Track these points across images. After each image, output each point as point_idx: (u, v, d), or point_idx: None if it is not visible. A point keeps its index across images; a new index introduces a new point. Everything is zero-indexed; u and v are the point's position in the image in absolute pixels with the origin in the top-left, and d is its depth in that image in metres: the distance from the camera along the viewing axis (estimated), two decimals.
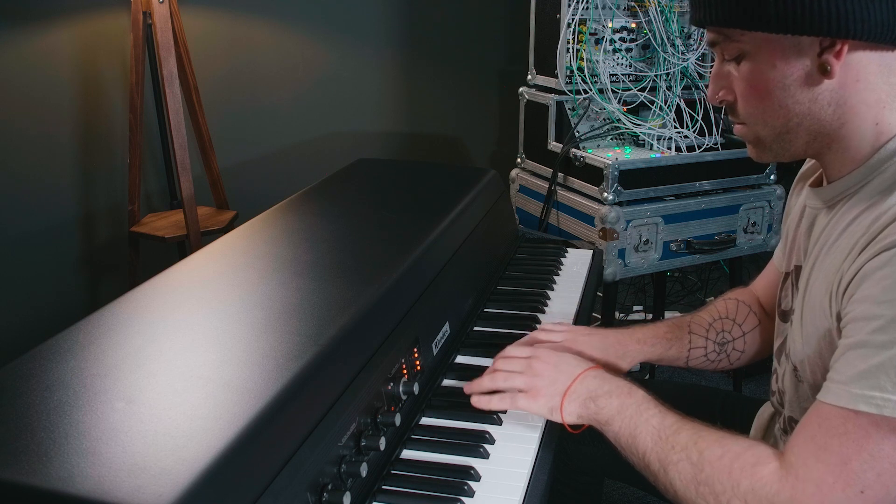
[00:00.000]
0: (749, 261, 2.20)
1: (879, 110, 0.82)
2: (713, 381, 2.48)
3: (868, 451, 0.72)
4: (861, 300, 0.76)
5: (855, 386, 0.73)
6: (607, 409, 0.93)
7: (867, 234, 0.79)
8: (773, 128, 0.86)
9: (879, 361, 0.72)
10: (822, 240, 0.89)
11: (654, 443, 0.86)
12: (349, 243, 1.24)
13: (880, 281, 0.74)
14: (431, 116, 2.90)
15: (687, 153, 1.92)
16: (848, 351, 0.76)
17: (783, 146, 0.87)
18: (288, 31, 2.55)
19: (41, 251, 2.32)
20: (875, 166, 0.82)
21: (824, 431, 0.75)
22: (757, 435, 1.08)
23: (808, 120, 0.83)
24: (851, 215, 0.84)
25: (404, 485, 0.89)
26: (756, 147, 0.91)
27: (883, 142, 0.82)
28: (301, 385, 0.79)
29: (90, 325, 0.91)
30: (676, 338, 1.17)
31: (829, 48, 0.79)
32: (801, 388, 0.92)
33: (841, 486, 0.72)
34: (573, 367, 1.00)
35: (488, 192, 1.61)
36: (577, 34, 1.92)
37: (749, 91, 0.85)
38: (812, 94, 0.82)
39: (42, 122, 2.24)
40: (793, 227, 1.01)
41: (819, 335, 0.86)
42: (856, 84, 0.81)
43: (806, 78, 0.81)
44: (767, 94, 0.84)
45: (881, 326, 0.72)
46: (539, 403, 0.97)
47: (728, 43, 0.85)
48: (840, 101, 0.81)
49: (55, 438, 0.68)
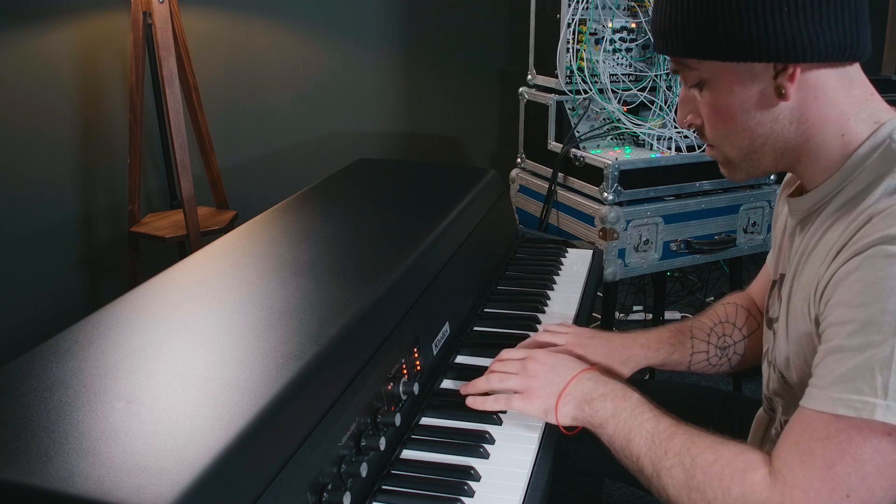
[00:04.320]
0: (749, 261, 2.20)
1: (843, 122, 0.83)
2: (713, 381, 2.47)
3: (851, 454, 0.72)
4: (836, 305, 0.77)
5: (834, 390, 0.74)
6: (602, 412, 0.93)
7: (840, 239, 0.80)
8: (740, 148, 0.88)
9: (855, 364, 0.73)
10: (801, 249, 0.91)
11: (647, 447, 0.87)
12: (349, 243, 1.24)
13: (853, 285, 0.75)
14: (431, 116, 2.90)
15: (687, 153, 1.92)
16: (826, 356, 0.77)
17: (752, 164, 0.90)
18: (288, 31, 2.55)
19: (41, 251, 2.32)
20: (847, 172, 0.84)
21: (808, 437, 0.75)
22: (754, 438, 1.08)
23: (773, 139, 0.86)
24: (827, 224, 0.85)
25: (404, 485, 0.89)
26: (727, 167, 0.94)
27: (851, 150, 0.84)
28: (301, 385, 0.79)
29: (90, 325, 0.91)
30: (679, 343, 1.17)
31: (782, 72, 0.81)
32: (793, 393, 0.92)
33: (827, 490, 0.73)
34: (569, 368, 1.00)
35: (488, 192, 1.61)
36: (577, 34, 1.92)
37: (713, 115, 0.88)
38: (772, 114, 0.84)
39: (42, 122, 2.24)
40: (779, 234, 1.03)
41: (803, 341, 0.87)
42: (815, 101, 0.83)
43: (763, 100, 0.84)
44: (730, 118, 0.86)
45: (855, 330, 0.73)
46: (534, 405, 0.98)
47: (687, 71, 0.88)
48: (801, 118, 0.84)
49: (55, 438, 0.68)
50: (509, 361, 1.04)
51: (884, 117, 0.84)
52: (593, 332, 1.17)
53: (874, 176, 0.80)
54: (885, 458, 0.71)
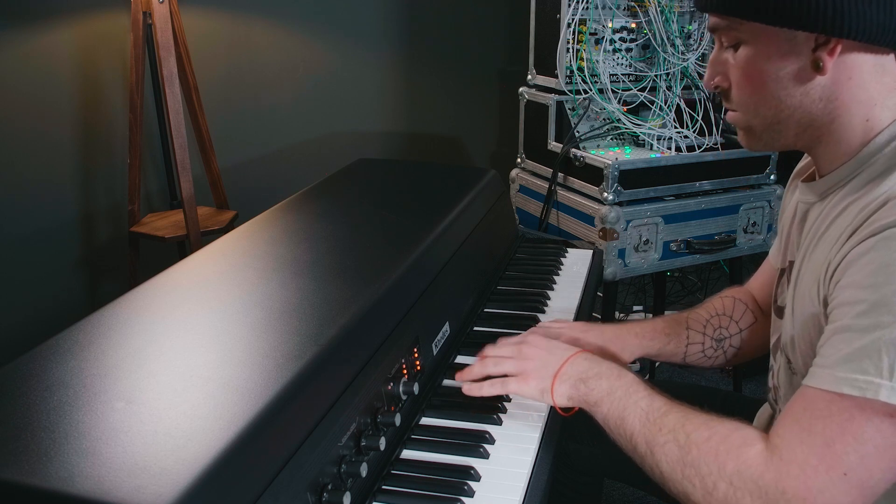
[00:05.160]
0: (749, 261, 2.20)
1: (870, 108, 0.83)
2: (713, 380, 2.48)
3: (851, 433, 0.72)
4: (846, 286, 0.77)
5: (839, 369, 0.74)
6: (597, 390, 0.93)
7: (854, 221, 0.80)
8: (765, 118, 0.88)
9: (862, 345, 0.73)
10: (813, 231, 0.90)
11: (641, 425, 0.87)
12: (349, 243, 1.24)
13: (865, 266, 0.75)
14: (431, 116, 2.90)
15: (687, 153, 1.92)
16: (833, 335, 0.77)
17: (773, 136, 0.89)
18: (288, 31, 2.55)
19: (41, 251, 2.32)
20: (864, 159, 0.84)
21: (809, 414, 0.75)
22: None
23: (799, 113, 0.85)
24: (841, 206, 0.85)
25: (404, 485, 0.89)
26: (747, 134, 0.93)
27: (872, 136, 0.84)
28: (301, 385, 0.79)
29: (90, 325, 0.91)
30: (675, 333, 1.18)
31: (823, 45, 0.80)
32: (794, 381, 0.93)
33: (825, 468, 0.73)
34: (563, 349, 1.01)
35: (488, 192, 1.61)
36: (577, 34, 1.92)
37: (743, 79, 0.87)
38: (804, 88, 0.83)
39: (42, 122, 2.24)
40: (787, 224, 1.03)
41: (808, 323, 0.87)
42: (848, 82, 0.82)
43: (799, 72, 0.83)
44: (761, 85, 0.85)
45: (864, 311, 0.73)
46: (530, 386, 0.98)
47: (727, 30, 0.87)
48: (831, 97, 0.83)
49: (55, 438, 0.68)
50: (504, 346, 1.04)
51: None
52: (587, 325, 1.18)
53: (893, 162, 0.81)
54: (886, 439, 0.71)
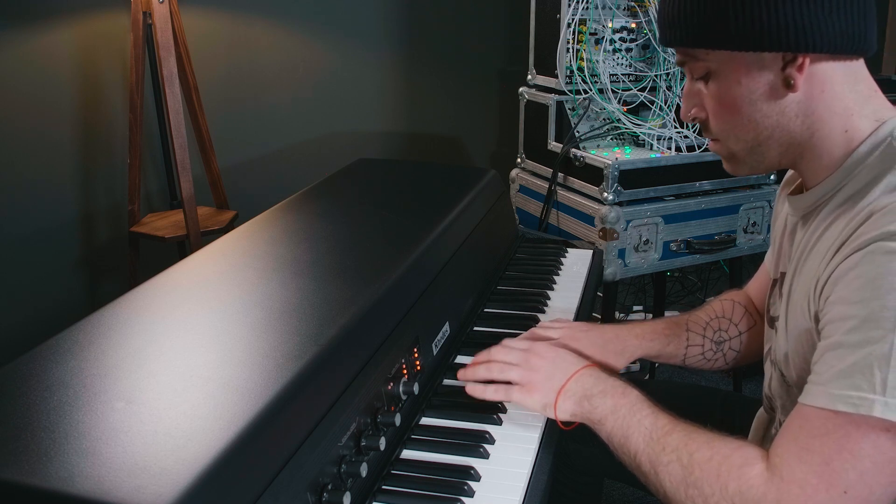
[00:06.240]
0: (749, 261, 2.20)
1: (847, 118, 0.84)
2: (713, 381, 2.48)
3: (849, 450, 0.72)
4: (836, 301, 0.77)
5: (833, 386, 0.74)
6: (601, 408, 0.93)
7: (840, 236, 0.80)
8: (745, 142, 0.88)
9: (854, 361, 0.73)
10: (802, 247, 0.91)
11: (645, 444, 0.87)
12: (349, 243, 1.24)
13: (853, 281, 0.75)
14: (431, 116, 2.90)
15: (687, 153, 1.92)
16: (826, 352, 0.77)
17: (756, 159, 0.90)
18: (288, 31, 2.55)
19: (41, 251, 2.32)
20: (848, 170, 0.84)
21: (806, 433, 0.75)
22: (754, 438, 1.08)
23: (778, 132, 0.86)
24: (827, 221, 0.85)
25: (404, 485, 0.89)
26: (730, 162, 0.93)
27: (854, 146, 0.84)
28: (301, 385, 0.79)
29: (90, 325, 0.91)
30: (674, 335, 1.17)
31: (791, 62, 0.81)
32: (791, 393, 0.93)
33: (824, 486, 0.73)
34: (570, 364, 1.00)
35: (488, 192, 1.61)
36: (577, 34, 1.92)
37: (718, 108, 0.88)
38: (779, 106, 0.84)
39: (42, 122, 2.24)
40: (779, 234, 1.03)
41: (802, 338, 0.87)
42: (822, 95, 0.83)
43: (771, 92, 0.83)
44: (736, 110, 0.86)
45: (855, 326, 0.73)
46: (534, 398, 0.98)
47: (694, 62, 0.88)
48: (807, 111, 0.84)
49: (55, 438, 0.68)
50: (511, 351, 1.04)
51: (886, 115, 0.84)
52: (588, 325, 1.17)
53: (875, 173, 0.80)
54: (884, 454, 0.71)
